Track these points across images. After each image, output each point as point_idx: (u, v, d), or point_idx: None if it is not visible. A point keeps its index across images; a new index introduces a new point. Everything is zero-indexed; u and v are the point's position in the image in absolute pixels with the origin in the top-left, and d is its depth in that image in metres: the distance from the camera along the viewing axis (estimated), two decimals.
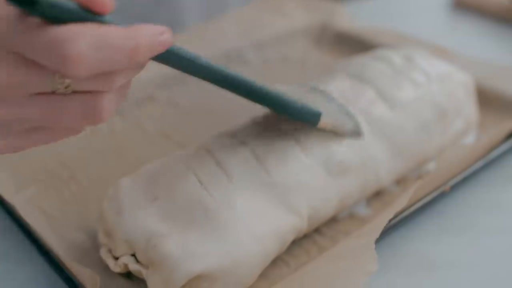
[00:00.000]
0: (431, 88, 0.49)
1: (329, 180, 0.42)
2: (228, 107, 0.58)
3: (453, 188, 0.45)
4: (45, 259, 0.40)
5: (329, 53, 0.68)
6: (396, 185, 0.47)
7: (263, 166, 0.40)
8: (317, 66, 0.66)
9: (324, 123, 0.41)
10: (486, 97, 0.56)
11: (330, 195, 0.42)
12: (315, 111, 0.40)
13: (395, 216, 0.41)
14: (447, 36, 0.73)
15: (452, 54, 0.61)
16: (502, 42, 0.72)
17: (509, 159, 0.50)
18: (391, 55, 0.51)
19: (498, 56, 0.66)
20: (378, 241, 0.37)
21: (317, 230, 0.43)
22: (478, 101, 0.55)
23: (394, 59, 0.50)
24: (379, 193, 0.46)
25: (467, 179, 0.46)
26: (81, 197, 0.47)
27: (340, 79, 0.48)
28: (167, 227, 0.37)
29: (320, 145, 0.42)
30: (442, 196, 0.44)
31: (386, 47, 0.56)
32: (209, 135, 0.44)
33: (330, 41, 0.70)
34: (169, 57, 0.33)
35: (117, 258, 0.39)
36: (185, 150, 0.43)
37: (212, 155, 0.41)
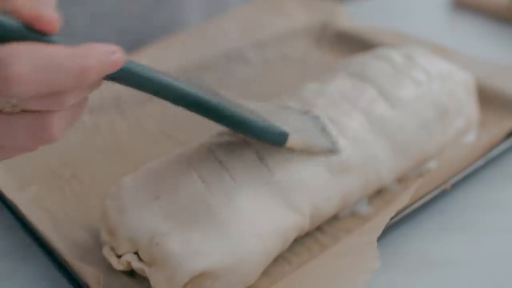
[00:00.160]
0: (431, 87, 0.49)
1: (331, 179, 0.42)
2: None
3: (454, 186, 0.45)
4: (49, 258, 0.40)
5: (330, 52, 0.69)
6: (397, 183, 0.47)
7: (265, 164, 0.40)
8: (317, 65, 0.66)
9: (293, 143, 0.39)
10: (486, 96, 0.56)
11: (332, 194, 0.42)
12: (281, 131, 0.38)
13: (396, 214, 0.41)
14: (447, 35, 0.73)
15: (452, 53, 0.62)
16: (502, 41, 0.73)
17: (510, 157, 0.51)
18: (391, 54, 0.51)
19: (498, 55, 0.66)
20: (379, 239, 0.37)
21: (318, 228, 0.43)
22: (478, 100, 0.55)
23: (394, 58, 0.50)
24: (380, 191, 0.47)
25: (467, 177, 0.46)
26: (83, 196, 0.47)
27: (340, 78, 0.48)
28: (170, 226, 0.37)
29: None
30: (442, 194, 0.44)
31: (386, 46, 0.56)
32: (212, 132, 0.45)
33: (330, 41, 0.70)
34: (124, 77, 0.31)
35: (120, 256, 0.39)
36: (187, 148, 0.43)
37: (214, 153, 0.41)
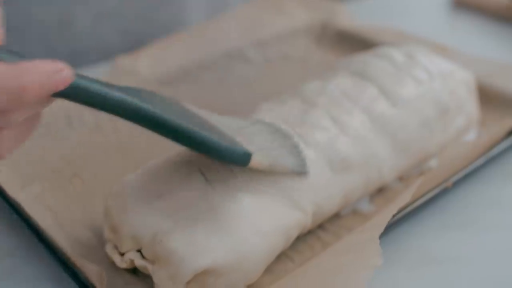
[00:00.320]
0: (432, 85, 0.49)
1: (333, 176, 0.42)
2: (230, 104, 0.59)
3: (455, 184, 0.45)
4: (52, 256, 0.40)
5: (331, 51, 0.69)
6: (398, 181, 0.48)
7: None
8: (318, 64, 0.66)
9: (256, 163, 0.37)
10: (486, 95, 0.56)
11: (334, 192, 0.42)
12: (244, 152, 0.36)
13: (398, 212, 0.41)
14: (447, 34, 0.73)
15: (452, 52, 0.62)
16: (502, 40, 0.73)
17: (510, 156, 0.51)
18: (392, 52, 0.51)
19: (498, 54, 0.66)
20: (381, 236, 0.38)
21: (320, 226, 0.44)
22: (478, 99, 0.56)
23: (395, 57, 0.51)
24: (382, 189, 0.47)
25: (468, 176, 0.46)
26: (85, 195, 0.47)
27: (342, 77, 0.49)
28: (173, 223, 0.37)
29: (324, 141, 0.42)
30: (444, 192, 0.44)
31: (387, 45, 0.56)
32: None
33: (331, 40, 0.70)
34: (73, 94, 0.30)
35: (123, 254, 0.39)
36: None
37: None
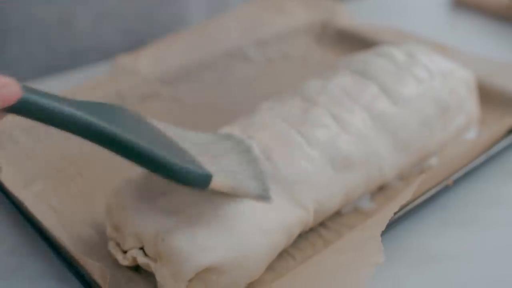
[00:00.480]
0: (433, 84, 0.49)
1: (335, 174, 0.42)
2: (231, 103, 0.59)
3: (455, 182, 0.45)
4: (55, 254, 0.40)
5: (331, 50, 0.69)
6: (399, 180, 0.48)
7: (269, 160, 0.41)
8: (319, 63, 0.67)
9: (217, 185, 0.35)
10: (486, 94, 0.56)
11: (335, 190, 0.42)
12: (203, 174, 0.34)
13: (399, 210, 0.41)
14: (447, 34, 0.74)
15: (452, 51, 0.62)
16: (501, 40, 0.73)
17: (510, 154, 0.51)
18: (393, 51, 0.52)
19: (497, 54, 0.66)
20: (382, 234, 0.38)
21: (322, 224, 0.44)
22: (478, 98, 0.56)
23: (396, 56, 0.51)
24: (383, 187, 0.47)
25: (468, 174, 0.46)
26: (88, 193, 0.47)
27: (342, 75, 0.49)
28: (175, 221, 0.37)
29: (325, 140, 0.43)
30: (444, 190, 0.45)
31: (387, 44, 0.56)
32: (214, 130, 0.45)
33: (331, 39, 0.70)
34: (21, 109, 0.30)
35: (125, 251, 0.39)
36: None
37: None
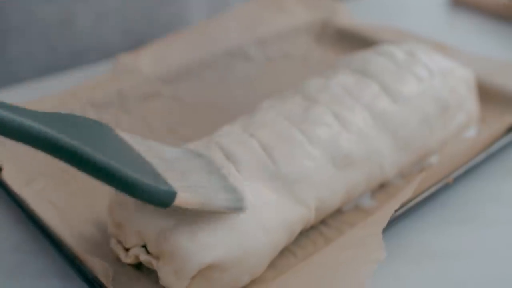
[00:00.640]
0: (433, 83, 0.49)
1: (336, 172, 0.42)
2: (231, 102, 0.59)
3: (455, 180, 0.45)
4: (57, 251, 0.40)
5: (331, 49, 0.69)
6: (399, 178, 0.48)
7: (271, 157, 0.41)
8: (319, 62, 0.67)
9: (184, 202, 0.34)
10: (486, 93, 0.57)
11: (336, 187, 0.42)
12: (166, 190, 0.33)
13: (399, 208, 0.41)
14: (446, 33, 0.74)
15: (452, 50, 0.62)
16: (500, 39, 0.73)
17: (510, 152, 0.51)
18: (393, 50, 0.52)
19: (496, 53, 0.67)
20: (382, 231, 0.38)
21: (323, 221, 0.44)
22: (478, 96, 0.56)
23: (396, 54, 0.51)
24: (383, 185, 0.47)
25: (468, 172, 0.47)
26: (89, 190, 0.48)
27: (343, 74, 0.49)
28: (177, 219, 0.37)
29: (326, 138, 0.43)
30: (444, 188, 0.45)
31: (387, 43, 0.56)
32: (215, 129, 0.45)
33: (331, 38, 0.71)
34: None
35: (127, 249, 0.39)
36: (192, 142, 0.44)
37: (220, 147, 0.41)
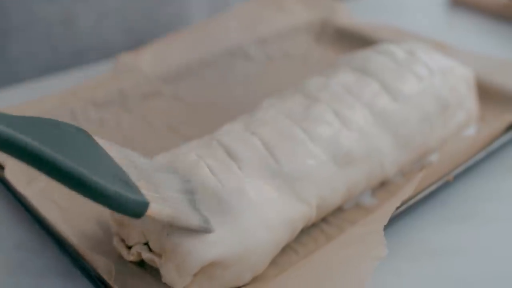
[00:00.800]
0: (433, 81, 0.50)
1: (337, 170, 0.43)
2: (232, 101, 0.60)
3: (455, 178, 0.46)
4: (60, 249, 0.40)
5: (331, 49, 0.69)
6: (399, 175, 0.48)
7: (272, 155, 0.41)
8: (319, 62, 0.67)
9: (156, 212, 0.34)
10: (486, 91, 0.57)
11: (337, 185, 0.42)
12: (139, 200, 0.32)
13: (400, 205, 0.42)
14: (445, 33, 0.74)
15: (451, 49, 0.63)
16: (499, 39, 0.74)
17: (509, 150, 0.52)
18: (393, 49, 0.52)
19: (496, 53, 0.67)
20: (383, 229, 0.38)
21: (324, 219, 0.44)
22: (478, 95, 0.56)
23: (396, 53, 0.51)
24: (384, 183, 0.47)
25: (468, 170, 0.47)
26: None
27: (343, 72, 0.49)
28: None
29: (327, 136, 0.43)
30: (444, 186, 0.45)
31: (387, 42, 0.57)
32: (215, 128, 0.45)
33: (331, 37, 0.71)
34: None
35: (130, 247, 0.40)
36: (194, 140, 0.44)
37: (222, 144, 0.41)
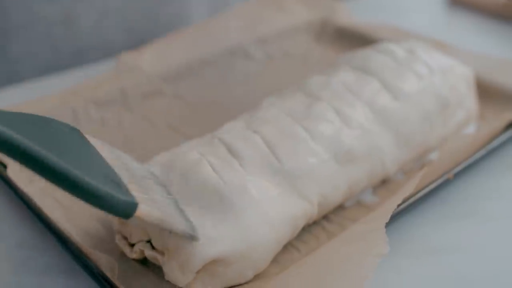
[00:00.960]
0: (433, 80, 0.50)
1: (338, 168, 0.43)
2: (232, 100, 0.60)
3: (455, 176, 0.46)
4: (63, 247, 0.41)
5: (331, 48, 0.70)
6: (400, 174, 0.48)
7: (274, 153, 0.41)
8: (319, 61, 0.67)
9: (145, 213, 0.33)
10: (485, 90, 0.57)
11: (339, 183, 0.43)
12: (128, 200, 0.32)
13: (400, 203, 0.42)
14: (444, 33, 0.74)
15: (451, 48, 0.63)
16: (499, 39, 0.74)
17: (508, 148, 0.52)
18: (393, 48, 0.52)
19: (495, 52, 0.67)
20: (384, 226, 0.38)
21: (325, 217, 0.44)
22: (477, 94, 0.57)
23: (396, 52, 0.52)
24: (385, 181, 0.48)
25: (468, 168, 0.47)
26: None
27: (344, 71, 0.50)
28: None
29: (328, 134, 0.43)
30: (444, 184, 0.45)
31: (386, 42, 0.57)
32: (216, 127, 0.45)
33: (331, 37, 0.71)
34: None
35: (132, 245, 0.40)
36: (196, 139, 0.44)
37: (223, 142, 0.42)
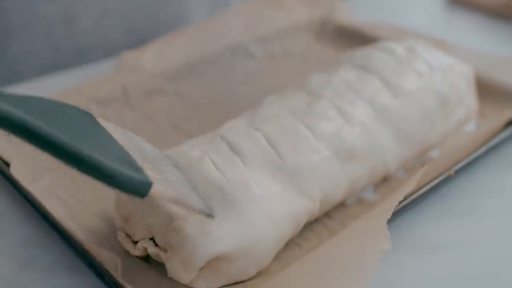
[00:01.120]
0: (433, 78, 0.50)
1: (339, 166, 0.43)
2: (233, 99, 0.60)
3: (456, 173, 0.46)
4: (67, 245, 0.41)
5: (331, 46, 0.70)
6: (401, 171, 0.49)
7: (276, 151, 0.41)
8: (319, 59, 0.67)
9: (160, 192, 0.34)
10: (485, 88, 0.57)
11: (340, 180, 0.43)
12: (143, 180, 0.32)
13: (401, 200, 0.42)
14: (444, 31, 0.74)
15: (451, 46, 0.63)
16: (498, 38, 0.74)
17: (509, 146, 0.52)
18: (394, 46, 0.53)
19: (494, 51, 0.67)
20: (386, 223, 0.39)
21: (326, 214, 0.45)
22: (477, 92, 0.57)
23: (397, 50, 0.52)
24: (386, 179, 0.48)
25: (468, 165, 0.48)
26: (95, 185, 0.47)
27: (344, 69, 0.50)
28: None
29: (330, 132, 0.44)
30: (445, 181, 0.46)
31: (386, 40, 0.57)
32: (217, 125, 0.46)
33: (331, 35, 0.71)
34: None
35: (135, 242, 0.40)
36: (198, 137, 0.44)
37: (225, 140, 0.42)
